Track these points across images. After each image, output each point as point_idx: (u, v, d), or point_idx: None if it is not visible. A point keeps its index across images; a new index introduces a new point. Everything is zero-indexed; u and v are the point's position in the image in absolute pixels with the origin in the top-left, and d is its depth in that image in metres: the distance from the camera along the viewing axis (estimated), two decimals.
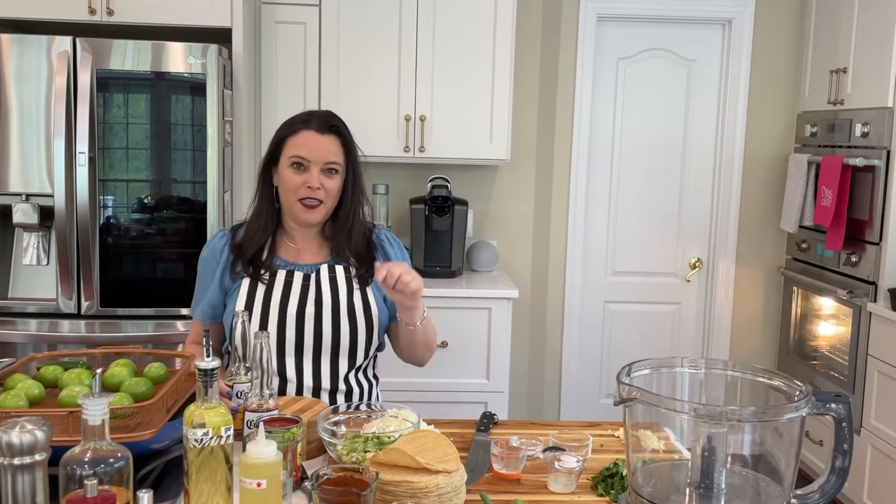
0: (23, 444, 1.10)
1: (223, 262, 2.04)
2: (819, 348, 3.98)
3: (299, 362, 2.00)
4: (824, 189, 3.70)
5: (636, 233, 4.40)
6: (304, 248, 2.06)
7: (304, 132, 1.99)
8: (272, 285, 2.00)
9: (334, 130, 2.00)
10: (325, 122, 2.00)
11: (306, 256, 2.06)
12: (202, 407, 1.33)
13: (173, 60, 3.03)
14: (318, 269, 2.04)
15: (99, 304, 3.07)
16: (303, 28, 3.66)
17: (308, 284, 2.01)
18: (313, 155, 1.96)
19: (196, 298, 2.10)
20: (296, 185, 1.97)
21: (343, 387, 2.04)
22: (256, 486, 1.30)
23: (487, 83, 3.70)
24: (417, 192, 3.98)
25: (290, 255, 2.05)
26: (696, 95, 4.31)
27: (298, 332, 1.99)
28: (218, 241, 2.08)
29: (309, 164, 1.96)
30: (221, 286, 2.04)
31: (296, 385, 2.00)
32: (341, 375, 2.03)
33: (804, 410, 1.16)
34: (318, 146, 1.97)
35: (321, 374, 2.01)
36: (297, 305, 1.99)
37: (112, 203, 3.07)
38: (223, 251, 2.05)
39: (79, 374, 1.69)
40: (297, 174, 1.97)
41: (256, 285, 2.00)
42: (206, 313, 2.06)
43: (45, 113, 2.99)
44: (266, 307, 1.98)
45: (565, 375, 4.33)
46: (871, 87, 3.53)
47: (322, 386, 2.01)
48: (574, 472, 1.63)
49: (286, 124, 2.04)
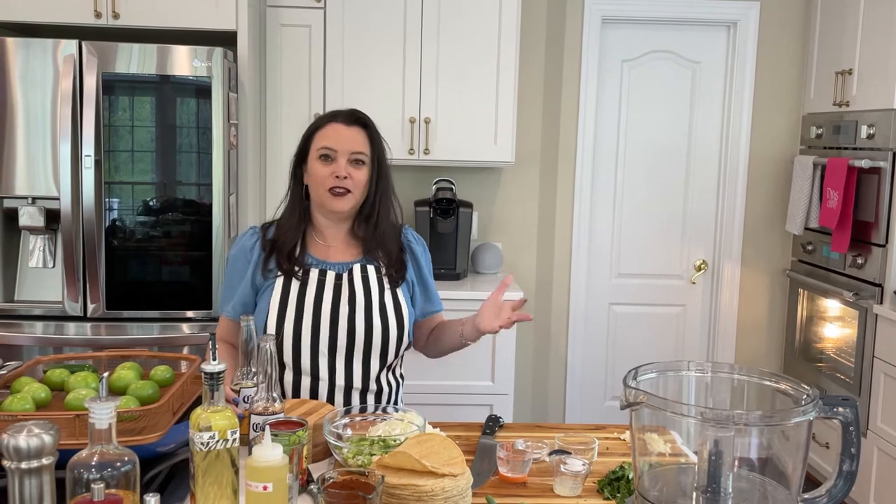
0: (30, 447, 1.10)
1: (254, 259, 2.05)
2: (825, 350, 3.97)
3: (332, 362, 2.01)
4: (830, 191, 3.69)
5: (641, 235, 4.39)
6: (335, 246, 2.08)
7: (331, 125, 2.04)
8: (306, 283, 2.01)
9: (360, 123, 2.05)
10: (352, 115, 2.06)
11: (337, 255, 2.07)
12: (208, 410, 1.33)
13: (178, 63, 3.03)
14: (351, 268, 2.05)
15: (105, 307, 3.07)
16: (307, 31, 3.66)
17: (340, 283, 2.02)
18: (340, 145, 2.00)
19: (225, 296, 2.11)
20: (324, 176, 1.99)
21: (374, 387, 2.05)
22: (262, 490, 1.30)
23: (492, 85, 3.70)
24: (422, 194, 3.98)
25: (320, 254, 2.06)
26: (700, 97, 4.30)
27: (332, 331, 1.99)
28: (248, 238, 2.09)
29: (336, 154, 1.99)
30: (253, 284, 2.05)
31: (328, 384, 2.00)
32: (373, 375, 2.04)
33: (811, 414, 1.15)
34: (345, 136, 2.01)
35: (353, 374, 2.02)
36: (331, 304, 2.00)
37: (118, 206, 3.07)
38: (254, 249, 2.06)
39: (85, 377, 1.70)
40: (325, 165, 2.00)
41: (290, 282, 2.01)
42: (237, 310, 2.05)
43: (50, 116, 3.00)
44: (300, 305, 1.99)
45: (570, 378, 4.32)
46: (876, 89, 3.52)
47: (354, 385, 2.02)
48: (580, 476, 1.63)
49: (314, 122, 2.09)
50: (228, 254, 2.12)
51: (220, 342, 2.12)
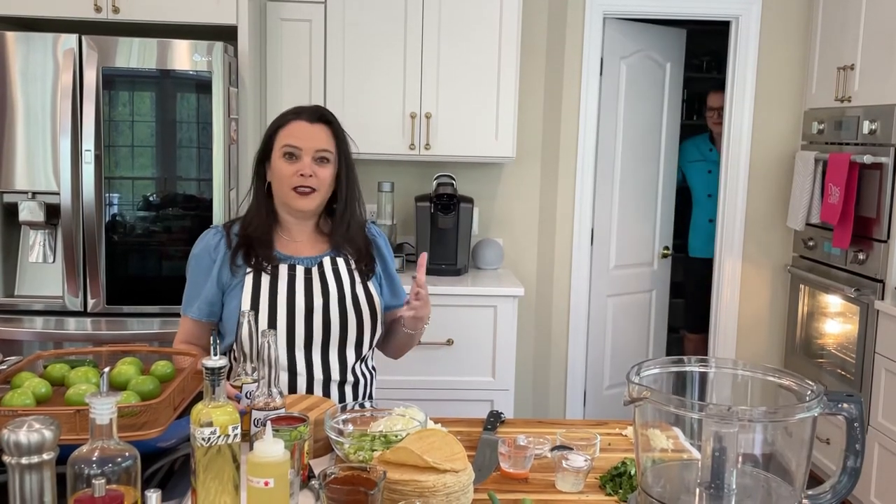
0: (30, 443, 1.09)
1: (220, 258, 2.02)
2: (826, 346, 3.96)
3: (309, 355, 2.00)
4: (831, 186, 3.68)
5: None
6: (302, 241, 2.07)
7: (295, 122, 2.01)
8: (276, 278, 1.99)
9: (324, 120, 2.03)
10: (315, 111, 2.04)
11: (305, 250, 2.06)
12: (209, 406, 1.33)
13: (179, 58, 3.02)
14: (321, 261, 2.04)
15: (105, 302, 3.07)
16: (308, 25, 3.65)
17: (311, 277, 2.01)
18: (304, 143, 1.98)
19: (188, 296, 2.06)
20: (288, 175, 1.97)
21: (351, 378, 2.05)
22: (264, 485, 1.30)
23: (493, 81, 3.69)
24: (423, 189, 3.97)
25: (288, 249, 2.05)
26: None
27: (308, 325, 1.99)
28: (212, 237, 2.06)
29: (300, 152, 1.98)
30: (219, 283, 2.01)
31: (306, 378, 1.99)
32: (349, 366, 2.04)
33: (816, 410, 1.15)
34: (309, 134, 1.99)
35: (330, 366, 2.01)
36: (304, 298, 1.99)
37: (118, 201, 3.07)
38: (218, 247, 2.03)
39: (85, 372, 1.69)
40: (289, 164, 1.98)
41: (260, 279, 1.99)
42: (202, 311, 2.03)
43: (50, 111, 2.99)
44: (273, 301, 1.98)
45: (571, 372, 4.32)
46: (878, 84, 3.51)
47: (332, 378, 2.01)
48: (582, 472, 1.62)
49: (276, 119, 2.06)
50: (191, 253, 2.07)
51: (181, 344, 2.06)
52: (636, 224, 4.46)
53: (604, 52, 4.13)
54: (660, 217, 4.57)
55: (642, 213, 4.49)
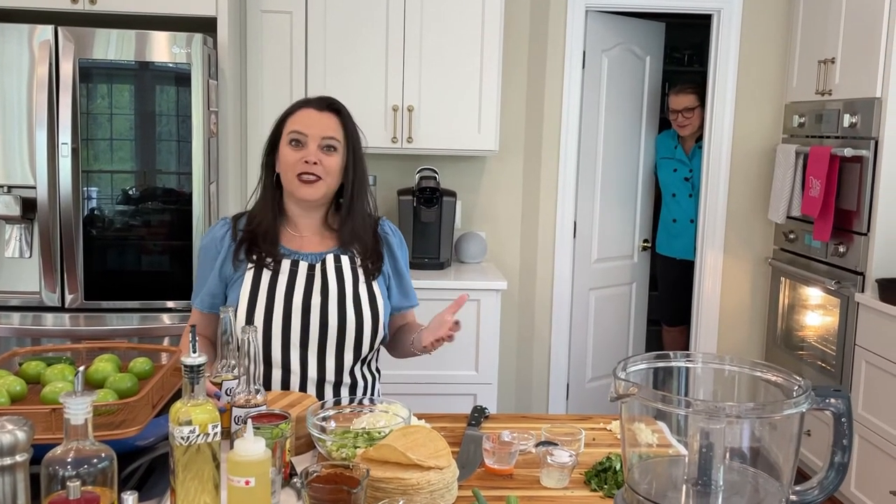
0: (2, 445, 1.07)
1: (224, 250, 2.00)
2: (806, 339, 3.98)
3: (304, 354, 1.97)
4: (812, 179, 3.70)
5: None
6: (308, 237, 2.04)
7: (303, 110, 2.00)
8: (277, 273, 1.97)
9: (332, 108, 2.01)
10: (324, 100, 2.03)
11: (310, 246, 2.03)
12: (189, 404, 1.30)
13: (157, 50, 2.98)
14: (324, 258, 2.01)
15: (83, 297, 3.03)
16: (289, 17, 3.61)
17: (313, 274, 1.98)
18: (310, 129, 1.96)
19: (196, 287, 2.07)
20: (294, 161, 1.95)
21: (348, 380, 2.01)
22: (244, 484, 1.28)
23: (476, 73, 3.67)
24: (405, 183, 3.94)
25: (293, 244, 2.02)
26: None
27: (304, 323, 1.96)
28: (219, 229, 2.05)
29: (306, 138, 1.96)
30: (221, 275, 2.00)
31: (300, 377, 1.97)
32: (346, 368, 2.01)
33: (804, 406, 1.14)
34: (316, 121, 1.97)
35: (326, 367, 1.99)
36: (302, 295, 1.96)
37: (96, 195, 3.02)
38: (224, 239, 2.02)
39: (62, 369, 1.66)
40: (295, 150, 1.96)
41: (261, 273, 1.97)
42: (205, 302, 2.03)
43: (26, 103, 2.94)
44: (271, 297, 1.95)
45: (554, 366, 4.31)
46: (859, 78, 3.52)
47: (327, 378, 1.99)
48: (567, 467, 1.61)
49: (286, 109, 2.04)
50: (199, 245, 2.08)
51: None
52: (617, 216, 4.47)
53: (586, 45, 4.12)
54: (639, 209, 4.58)
55: (623, 206, 4.49)
